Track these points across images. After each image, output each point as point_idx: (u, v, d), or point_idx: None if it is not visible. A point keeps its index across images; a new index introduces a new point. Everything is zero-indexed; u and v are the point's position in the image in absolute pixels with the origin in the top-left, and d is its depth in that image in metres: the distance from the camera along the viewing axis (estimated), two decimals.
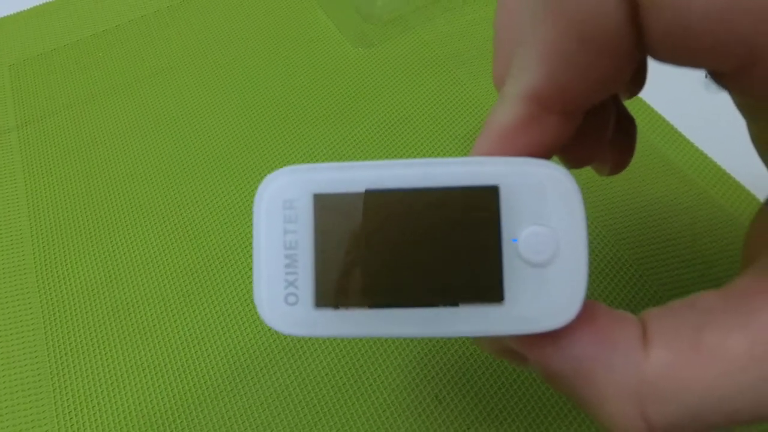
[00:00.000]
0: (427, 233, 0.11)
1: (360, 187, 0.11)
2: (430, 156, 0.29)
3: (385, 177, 0.11)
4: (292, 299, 0.11)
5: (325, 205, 0.11)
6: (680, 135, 0.28)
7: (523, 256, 0.11)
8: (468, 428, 0.21)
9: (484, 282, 0.11)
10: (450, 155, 0.29)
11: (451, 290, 0.11)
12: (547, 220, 0.11)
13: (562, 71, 0.11)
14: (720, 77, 0.10)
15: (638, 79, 0.15)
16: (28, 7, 0.37)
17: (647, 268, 0.24)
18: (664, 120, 0.29)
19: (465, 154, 0.29)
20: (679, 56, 0.10)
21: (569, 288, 0.11)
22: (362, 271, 0.11)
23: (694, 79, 0.30)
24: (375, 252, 0.11)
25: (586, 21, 0.10)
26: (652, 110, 0.29)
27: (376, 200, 0.11)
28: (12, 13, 0.37)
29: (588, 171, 0.17)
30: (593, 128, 0.14)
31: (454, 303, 0.11)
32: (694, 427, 0.10)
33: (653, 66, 0.12)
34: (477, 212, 0.11)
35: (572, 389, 0.11)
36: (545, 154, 0.12)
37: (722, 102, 0.30)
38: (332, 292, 0.11)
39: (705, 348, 0.10)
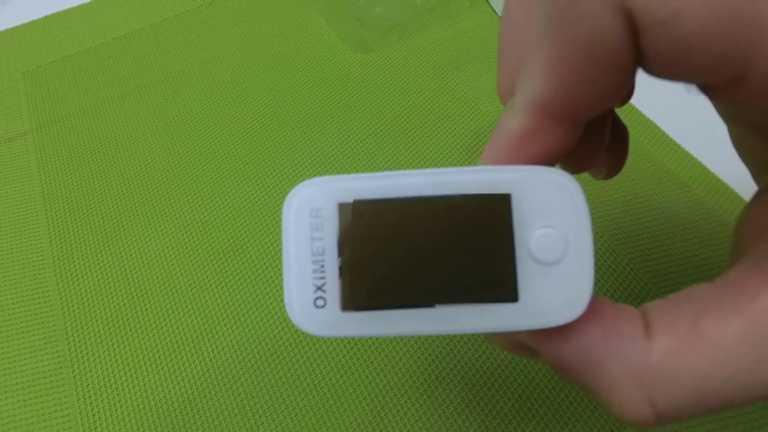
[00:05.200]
0: (445, 238, 0.11)
1: (380, 196, 0.12)
2: (426, 155, 0.30)
3: (403, 186, 0.12)
4: (320, 302, 0.12)
5: (348, 214, 0.12)
6: (664, 134, 0.30)
7: (535, 256, 0.11)
8: (466, 407, 0.22)
9: (500, 283, 0.11)
10: (446, 155, 0.30)
11: (469, 291, 0.11)
12: (556, 222, 0.11)
13: (568, 85, 0.11)
14: (709, 91, 0.11)
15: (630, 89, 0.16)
16: (41, 17, 0.39)
17: (633, 259, 0.26)
18: (649, 121, 0.30)
19: (460, 153, 0.30)
20: (674, 73, 0.10)
21: (578, 284, 0.11)
22: (385, 274, 0.12)
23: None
24: (396, 257, 0.12)
25: (591, 39, 0.10)
26: (638, 112, 0.31)
27: (395, 208, 0.12)
28: (25, 22, 0.38)
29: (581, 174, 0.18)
30: (592, 137, 0.15)
31: (471, 302, 0.12)
32: (697, 410, 0.11)
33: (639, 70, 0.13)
34: (491, 218, 0.12)
35: (581, 379, 0.12)
36: (551, 161, 0.13)
37: (703, 104, 0.32)
38: (357, 294, 0.12)
39: (703, 335, 0.11)
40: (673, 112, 0.30)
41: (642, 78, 0.11)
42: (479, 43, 0.35)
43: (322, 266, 0.12)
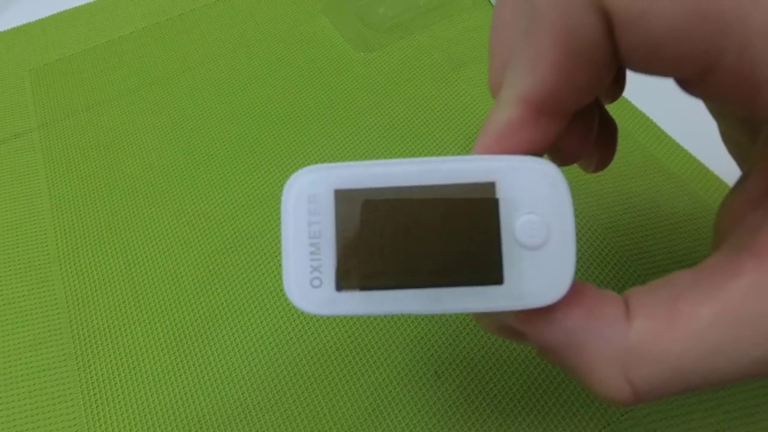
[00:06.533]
0: (435, 223, 0.12)
1: (374, 183, 0.12)
2: (428, 153, 0.31)
3: (396, 174, 0.12)
4: (316, 282, 0.12)
5: (344, 199, 0.12)
6: (661, 131, 0.30)
7: (519, 241, 0.12)
8: (464, 401, 0.23)
9: (486, 266, 0.12)
10: (446, 153, 0.31)
11: (456, 273, 0.12)
12: (540, 208, 0.12)
13: (550, 78, 0.12)
14: (684, 84, 0.12)
15: (618, 85, 0.16)
16: (48, 15, 0.39)
17: (631, 254, 0.26)
18: (645, 117, 0.31)
19: (460, 152, 0.31)
20: (648, 67, 0.11)
21: (560, 267, 0.12)
22: (377, 256, 0.12)
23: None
24: (388, 240, 0.12)
25: (570, 36, 0.11)
26: (634, 107, 0.31)
27: (388, 194, 0.12)
28: (32, 20, 0.39)
29: (577, 168, 0.19)
30: (579, 130, 0.16)
31: (459, 284, 0.12)
32: (674, 389, 0.11)
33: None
34: (478, 204, 0.12)
35: (564, 359, 0.12)
36: (537, 151, 0.13)
37: (698, 100, 0.32)
38: (351, 275, 0.12)
39: (679, 317, 0.11)
40: (670, 109, 0.31)
41: (637, 74, 0.12)
42: (481, 42, 0.35)
43: (319, 248, 0.12)
